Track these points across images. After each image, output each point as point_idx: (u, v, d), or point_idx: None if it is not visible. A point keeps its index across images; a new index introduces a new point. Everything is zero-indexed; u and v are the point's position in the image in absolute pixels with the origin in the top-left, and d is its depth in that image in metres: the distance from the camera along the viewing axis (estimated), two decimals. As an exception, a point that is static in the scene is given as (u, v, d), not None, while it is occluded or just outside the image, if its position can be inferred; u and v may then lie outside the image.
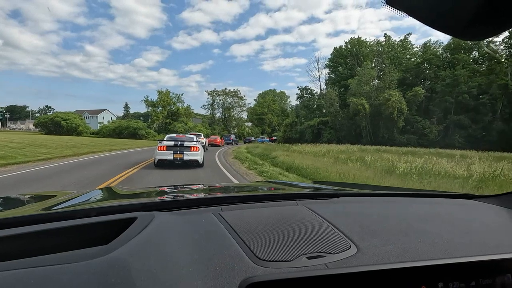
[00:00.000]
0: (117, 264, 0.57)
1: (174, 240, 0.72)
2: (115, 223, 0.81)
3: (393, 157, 14.76)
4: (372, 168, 11.38)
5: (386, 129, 36.37)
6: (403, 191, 1.53)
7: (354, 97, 36.79)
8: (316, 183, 2.76)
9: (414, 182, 7.97)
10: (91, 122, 78.41)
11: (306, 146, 26.09)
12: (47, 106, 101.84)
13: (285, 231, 0.79)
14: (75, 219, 0.81)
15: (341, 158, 15.37)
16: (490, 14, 0.35)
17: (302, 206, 1.02)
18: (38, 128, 62.60)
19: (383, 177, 8.86)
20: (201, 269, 0.59)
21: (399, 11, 0.39)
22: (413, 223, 0.91)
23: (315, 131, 41.56)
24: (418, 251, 0.71)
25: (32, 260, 0.60)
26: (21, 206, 1.35)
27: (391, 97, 33.98)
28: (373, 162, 12.88)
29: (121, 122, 59.06)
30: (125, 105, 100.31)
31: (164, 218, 0.84)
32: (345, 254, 0.69)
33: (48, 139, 28.49)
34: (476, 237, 0.83)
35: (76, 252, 0.66)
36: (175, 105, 59.70)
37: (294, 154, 17.51)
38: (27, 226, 0.74)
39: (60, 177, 8.17)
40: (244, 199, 1.13)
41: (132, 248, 0.65)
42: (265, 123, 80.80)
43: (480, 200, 1.24)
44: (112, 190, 1.71)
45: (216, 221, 0.85)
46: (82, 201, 1.27)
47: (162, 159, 10.14)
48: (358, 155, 17.96)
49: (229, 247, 0.69)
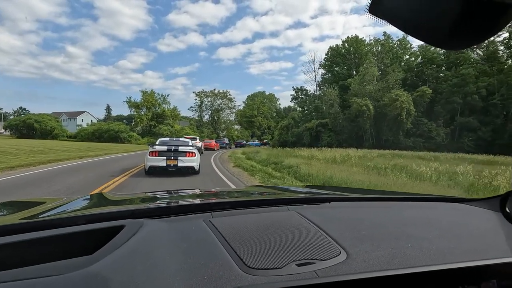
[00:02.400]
0: (99, 276, 0.56)
1: (162, 248, 0.71)
2: (102, 231, 0.79)
3: (420, 163, 12.12)
4: (432, 183, 8.53)
5: (391, 131, 33.95)
6: (395, 195, 1.61)
7: (356, 97, 34.18)
8: (309, 188, 2.69)
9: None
10: (69, 125, 73.19)
11: (312, 151, 23.22)
12: (21, 108, 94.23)
13: (275, 238, 0.79)
14: (61, 227, 0.78)
15: (369, 166, 12.54)
16: (470, 25, 0.36)
17: (293, 211, 1.02)
18: (9, 131, 57.64)
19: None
20: (189, 279, 0.58)
21: (381, 20, 0.40)
22: (403, 227, 0.92)
23: (314, 133, 38.69)
24: (406, 257, 0.72)
25: (9, 273, 0.57)
26: (7, 213, 1.31)
27: (399, 97, 31.55)
28: (423, 172, 10.04)
29: (101, 125, 55.36)
30: (106, 107, 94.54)
31: (153, 226, 0.83)
32: (335, 261, 0.69)
33: (12, 144, 24.62)
34: (465, 242, 0.84)
35: (58, 263, 0.63)
36: (160, 106, 56.09)
37: (313, 161, 14.44)
38: (8, 236, 0.71)
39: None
40: (235, 204, 1.13)
41: (117, 258, 0.63)
42: (255, 126, 77.88)
43: (470, 203, 1.24)
44: (103, 196, 1.69)
45: (206, 228, 0.84)
46: (70, 208, 1.24)
47: (154, 166, 8.98)
48: (380, 161, 15.21)
49: (219, 255, 0.69)
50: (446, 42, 0.40)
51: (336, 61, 47.09)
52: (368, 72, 35.38)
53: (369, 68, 35.81)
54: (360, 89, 35.58)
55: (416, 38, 0.41)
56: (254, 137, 73.09)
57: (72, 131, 57.78)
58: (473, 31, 0.37)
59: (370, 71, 35.28)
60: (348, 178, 8.35)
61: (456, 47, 0.41)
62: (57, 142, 35.13)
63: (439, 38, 0.39)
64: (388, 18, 0.40)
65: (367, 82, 35.30)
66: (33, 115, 59.83)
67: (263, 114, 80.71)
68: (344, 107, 37.86)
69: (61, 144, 29.54)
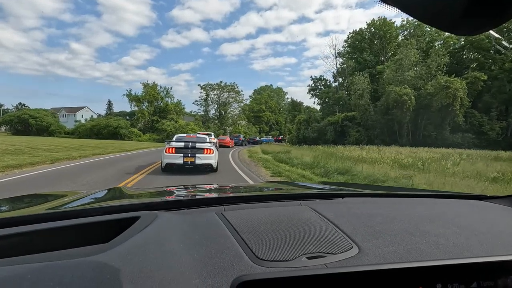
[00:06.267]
0: (113, 261, 0.57)
1: (175, 239, 0.72)
2: (118, 222, 0.82)
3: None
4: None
5: (432, 126, 28.90)
6: (411, 191, 1.53)
7: (391, 86, 29.07)
8: (324, 183, 2.59)
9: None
10: (68, 120, 68.89)
11: (351, 150, 18.52)
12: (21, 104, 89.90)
13: (287, 231, 0.78)
14: (81, 217, 0.82)
15: (491, 177, 7.92)
16: (483, 8, 0.35)
17: (305, 206, 1.01)
18: (5, 128, 54.14)
19: None
20: (200, 268, 0.59)
21: (392, 8, 0.39)
22: (419, 224, 0.88)
23: (339, 129, 33.71)
24: (421, 252, 0.70)
25: (32, 257, 0.61)
26: (33, 204, 1.37)
27: (452, 84, 26.30)
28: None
29: (99, 120, 51.49)
30: (107, 103, 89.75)
31: (166, 217, 0.85)
32: (346, 255, 0.68)
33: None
34: (484, 239, 0.80)
35: (75, 250, 0.67)
36: (163, 100, 51.41)
37: (379, 166, 9.67)
38: (33, 225, 0.76)
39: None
40: (247, 199, 1.14)
41: (131, 246, 0.66)
42: (263, 121, 73.10)
43: (492, 201, 1.21)
44: (120, 190, 1.72)
45: (218, 220, 0.85)
46: (90, 200, 1.29)
47: (171, 163, 8.61)
48: (480, 166, 10.56)
49: (230, 247, 0.69)
50: (460, 26, 0.38)
51: (361, 47, 41.62)
52: (408, 55, 30.07)
53: (409, 50, 30.48)
54: (396, 76, 30.37)
55: (429, 25, 0.41)
56: (262, 132, 68.32)
57: (71, 127, 53.98)
58: (488, 15, 0.36)
59: (411, 54, 30.03)
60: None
61: (471, 31, 0.40)
62: (46, 140, 30.70)
63: (452, 23, 0.38)
64: (399, 5, 0.38)
65: (406, 67, 30.06)
66: (28, 110, 56.42)
67: (270, 109, 76.02)
68: (373, 99, 32.89)
69: (50, 142, 25.00)
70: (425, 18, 0.39)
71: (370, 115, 31.90)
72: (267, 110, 74.59)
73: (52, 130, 49.29)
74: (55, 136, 46.10)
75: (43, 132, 48.28)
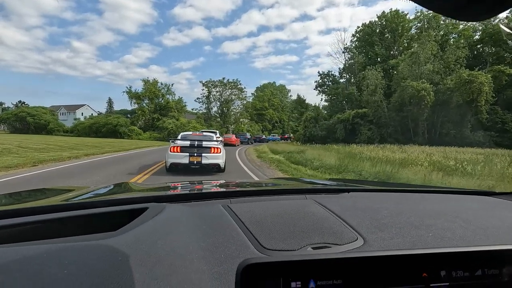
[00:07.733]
0: (123, 246, 0.60)
1: (183, 228, 0.74)
2: (128, 212, 0.84)
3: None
4: None
5: (450, 123, 27.08)
6: (417, 187, 1.52)
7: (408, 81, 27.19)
8: (331, 180, 2.60)
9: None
10: (68, 118, 67.36)
11: (369, 149, 16.82)
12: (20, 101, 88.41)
13: (292, 223, 0.79)
14: (90, 208, 0.86)
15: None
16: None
17: (310, 200, 1.02)
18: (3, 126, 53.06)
19: None
20: (208, 256, 0.61)
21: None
22: (425, 218, 0.88)
23: (349, 126, 31.94)
24: (426, 245, 0.71)
25: (49, 241, 0.65)
26: (46, 196, 1.42)
27: (477, 78, 24.40)
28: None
29: (98, 118, 50.14)
30: (108, 101, 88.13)
31: (174, 208, 0.87)
32: (351, 246, 0.69)
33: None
34: (491, 233, 0.80)
35: (86, 236, 0.69)
36: (164, 97, 49.75)
37: (420, 169, 7.87)
38: (49, 214, 0.80)
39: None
40: (253, 193, 1.15)
41: (139, 233, 0.67)
42: (265, 119, 71.33)
43: (500, 197, 1.20)
44: (128, 185, 1.73)
45: (225, 212, 0.87)
46: (99, 193, 1.33)
47: (176, 163, 7.99)
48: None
49: (236, 237, 0.70)
50: (467, 12, 0.37)
51: (371, 41, 39.70)
52: (425, 48, 28.19)
53: (426, 43, 28.58)
54: (412, 71, 28.50)
55: (434, 11, 0.40)
56: (265, 131, 66.63)
57: (70, 125, 52.83)
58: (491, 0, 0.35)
59: (428, 47, 28.16)
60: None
61: (477, 17, 0.39)
62: (42, 138, 29.20)
63: (457, 9, 0.37)
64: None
65: (422, 61, 28.17)
66: (26, 108, 55.16)
67: (273, 106, 74.21)
68: (384, 95, 31.01)
69: (45, 141, 23.43)
70: (431, 4, 0.39)
71: (383, 112, 30.11)
72: (270, 108, 72.81)
73: (50, 128, 48.21)
74: (53, 134, 45.05)
75: (41, 130, 47.15)
